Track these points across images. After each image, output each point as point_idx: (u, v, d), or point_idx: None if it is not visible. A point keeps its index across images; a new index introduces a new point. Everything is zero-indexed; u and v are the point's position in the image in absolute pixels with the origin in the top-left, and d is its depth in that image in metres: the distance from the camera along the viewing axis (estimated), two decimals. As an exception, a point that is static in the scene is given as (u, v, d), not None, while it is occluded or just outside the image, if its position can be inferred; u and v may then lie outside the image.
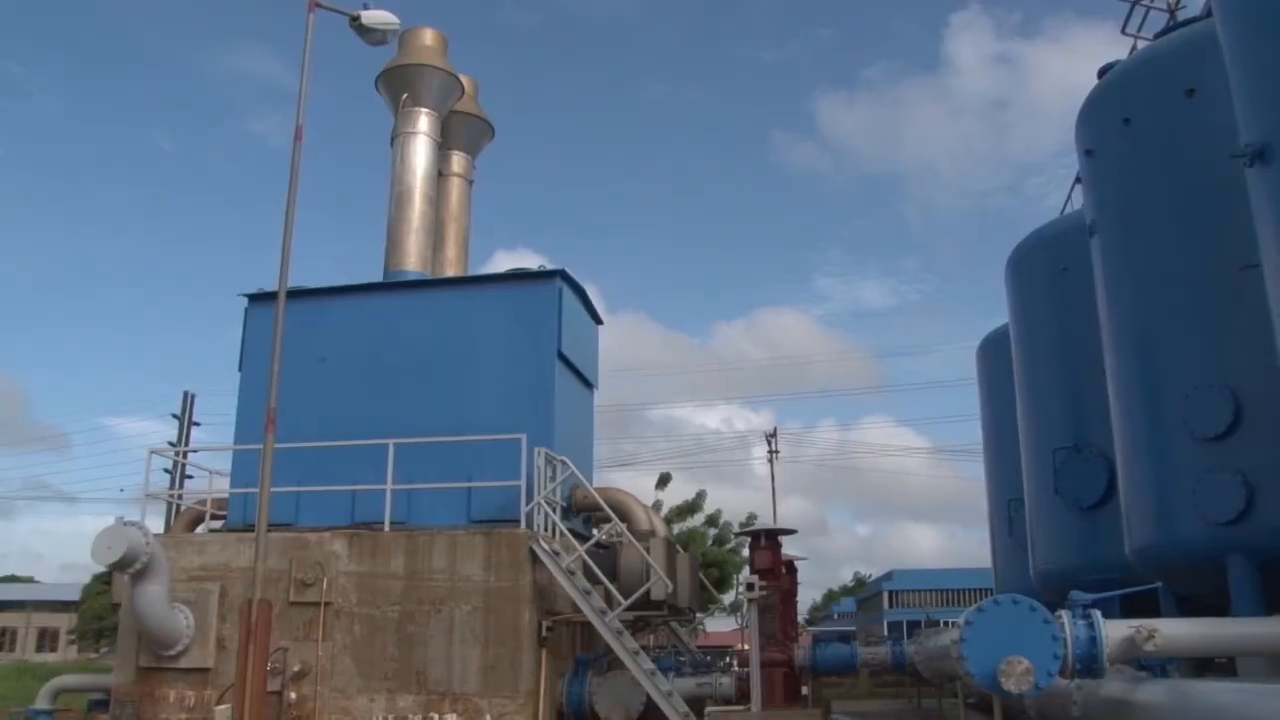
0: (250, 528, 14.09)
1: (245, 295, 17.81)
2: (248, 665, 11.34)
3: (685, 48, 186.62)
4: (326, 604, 14.63)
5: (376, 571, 14.74)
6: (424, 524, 15.24)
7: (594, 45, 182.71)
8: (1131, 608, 10.64)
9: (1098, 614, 8.25)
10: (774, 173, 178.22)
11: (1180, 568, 11.02)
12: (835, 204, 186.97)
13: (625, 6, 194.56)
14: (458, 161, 20.74)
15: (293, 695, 14.22)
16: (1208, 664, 10.42)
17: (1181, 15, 14.10)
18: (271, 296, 14.03)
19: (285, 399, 13.10)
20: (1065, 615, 8.23)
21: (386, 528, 15.05)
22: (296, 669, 14.33)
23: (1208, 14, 11.18)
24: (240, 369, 17.55)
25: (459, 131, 20.64)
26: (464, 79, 20.34)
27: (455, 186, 20.63)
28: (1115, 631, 8.18)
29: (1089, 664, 8.09)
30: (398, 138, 19.29)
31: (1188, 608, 11.02)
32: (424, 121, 19.30)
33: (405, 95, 19.19)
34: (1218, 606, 10.20)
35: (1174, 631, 8.39)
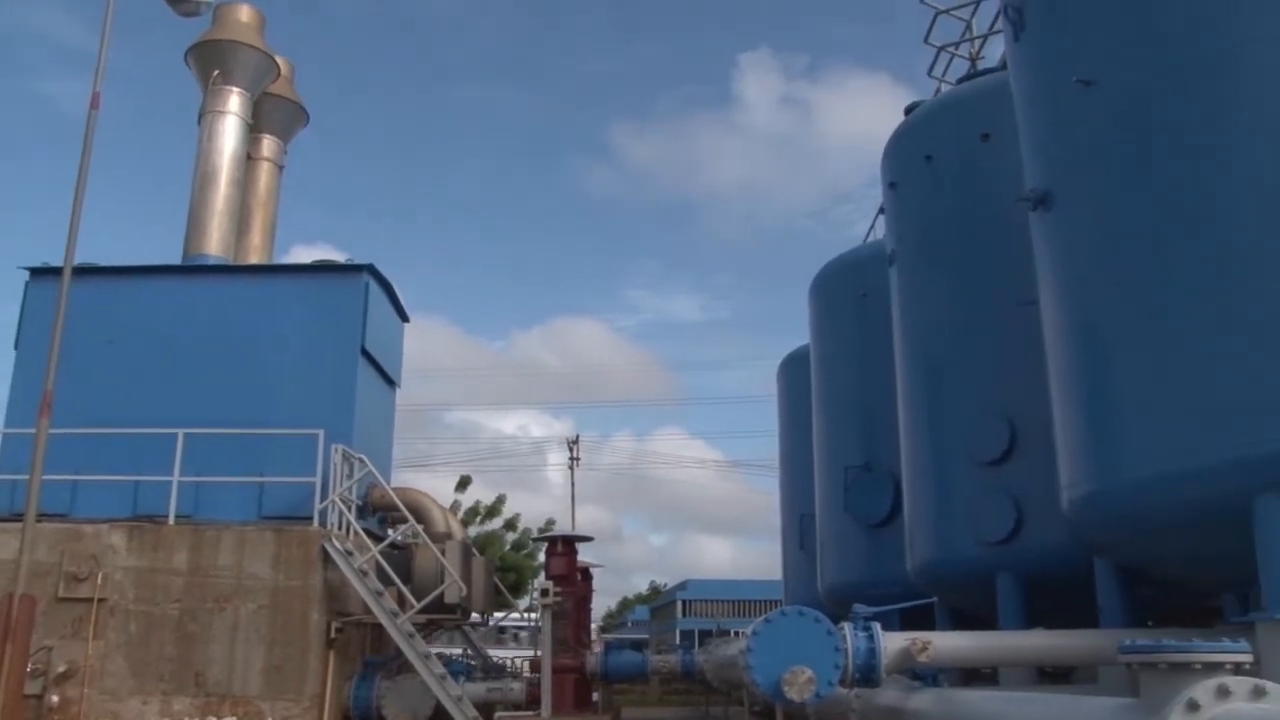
0: (17, 517, 13.16)
1: (26, 268, 16.70)
2: (3, 666, 10.61)
3: (510, 49, 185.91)
4: (100, 600, 13.83)
5: (157, 566, 14.03)
6: (212, 518, 14.63)
7: (418, 41, 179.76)
8: (911, 621, 11.17)
9: (877, 626, 8.59)
10: (581, 186, 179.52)
11: (955, 584, 11.67)
12: (643, 220, 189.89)
13: (456, 3, 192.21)
14: (268, 145, 20.00)
15: (55, 698, 13.35)
16: (975, 673, 11.05)
17: (982, 64, 14.99)
18: (56, 272, 13.20)
19: (66, 382, 12.43)
20: (847, 627, 8.54)
21: (171, 521, 14.36)
22: (62, 669, 13.47)
23: (1004, 66, 11.90)
24: (16, 347, 16.41)
25: (271, 114, 19.91)
26: (280, 60, 19.64)
27: (264, 171, 19.89)
28: (893, 643, 8.53)
29: (867, 674, 8.41)
30: (205, 116, 18.44)
31: (961, 621, 11.68)
32: (235, 101, 18.52)
33: (216, 72, 18.39)
34: (987, 620, 10.85)
35: (945, 644, 8.83)
